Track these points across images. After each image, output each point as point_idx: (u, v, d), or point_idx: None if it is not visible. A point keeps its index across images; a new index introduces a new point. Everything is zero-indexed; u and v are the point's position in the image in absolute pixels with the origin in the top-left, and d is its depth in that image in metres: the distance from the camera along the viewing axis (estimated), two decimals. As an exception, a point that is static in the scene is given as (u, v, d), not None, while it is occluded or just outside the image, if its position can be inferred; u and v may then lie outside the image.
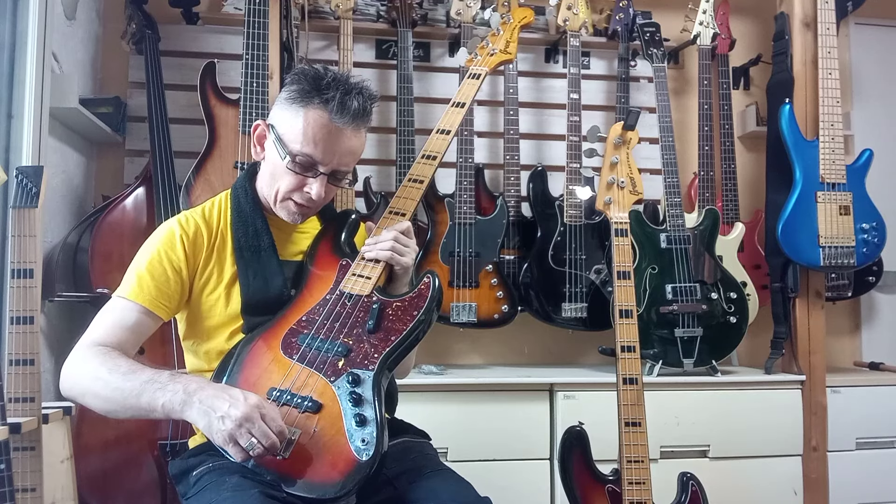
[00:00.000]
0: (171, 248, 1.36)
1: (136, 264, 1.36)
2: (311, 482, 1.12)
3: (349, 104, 1.31)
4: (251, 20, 2.16)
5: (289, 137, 1.33)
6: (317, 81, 1.32)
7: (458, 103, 1.62)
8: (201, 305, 1.38)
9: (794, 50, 2.46)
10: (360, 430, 1.16)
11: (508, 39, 1.74)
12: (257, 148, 1.42)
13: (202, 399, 1.13)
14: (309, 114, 1.31)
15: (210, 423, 1.12)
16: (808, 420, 2.34)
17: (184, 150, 2.30)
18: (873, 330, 2.98)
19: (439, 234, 2.42)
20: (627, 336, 1.73)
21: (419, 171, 1.52)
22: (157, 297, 1.32)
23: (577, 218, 2.52)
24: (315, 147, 1.32)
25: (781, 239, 2.33)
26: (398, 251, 1.37)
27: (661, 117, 2.54)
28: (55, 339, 2.16)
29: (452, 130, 1.57)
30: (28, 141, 1.93)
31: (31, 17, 1.96)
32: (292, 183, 1.35)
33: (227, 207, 1.43)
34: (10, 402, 1.51)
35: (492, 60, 1.72)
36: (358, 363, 1.25)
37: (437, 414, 1.57)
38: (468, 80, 1.67)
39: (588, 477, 1.73)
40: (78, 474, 1.81)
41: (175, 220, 1.41)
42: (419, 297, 1.32)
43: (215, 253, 1.39)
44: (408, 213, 1.45)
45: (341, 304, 1.33)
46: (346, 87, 1.33)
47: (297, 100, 1.33)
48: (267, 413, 1.12)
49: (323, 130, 1.31)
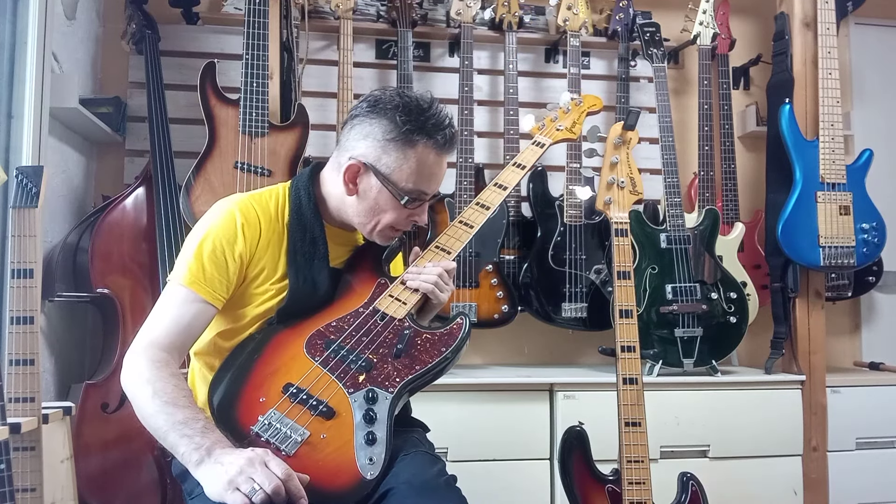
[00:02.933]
0: (231, 235, 1.32)
1: (193, 249, 1.31)
2: (312, 487, 1.12)
3: (452, 137, 1.38)
4: (251, 20, 2.17)
5: (398, 177, 1.34)
6: (421, 119, 1.34)
7: (520, 164, 1.67)
8: (246, 292, 1.36)
9: (794, 50, 2.46)
10: (368, 448, 1.17)
11: (575, 121, 1.81)
12: (349, 185, 1.38)
13: (217, 457, 1.09)
14: (419, 153, 1.34)
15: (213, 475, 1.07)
16: (808, 420, 2.34)
17: (184, 150, 2.30)
18: (873, 330, 2.98)
19: (439, 235, 2.42)
20: (627, 336, 1.73)
21: (471, 216, 1.55)
22: (217, 289, 1.30)
23: (577, 218, 2.52)
24: (428, 183, 1.37)
25: (781, 239, 2.33)
26: (440, 287, 1.40)
27: (661, 117, 2.54)
28: (55, 339, 2.16)
29: (509, 188, 1.62)
30: (28, 141, 1.93)
31: (31, 17, 1.97)
32: (400, 216, 1.39)
33: (286, 204, 1.41)
34: (10, 402, 1.51)
35: (557, 135, 1.79)
36: (378, 382, 1.25)
37: (437, 414, 1.56)
38: (532, 146, 1.74)
39: (588, 477, 1.73)
40: (78, 474, 1.81)
41: (234, 204, 1.37)
42: (450, 336, 1.33)
43: (270, 247, 1.38)
44: (453, 252, 1.48)
45: (373, 322, 1.33)
46: (447, 121, 1.38)
47: (402, 139, 1.33)
48: (271, 460, 1.09)
49: (432, 167, 1.36)
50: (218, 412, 1.21)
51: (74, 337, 2.30)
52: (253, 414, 1.20)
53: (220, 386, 1.24)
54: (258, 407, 1.20)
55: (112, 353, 2.08)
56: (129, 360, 1.24)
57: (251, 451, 1.10)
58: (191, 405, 1.18)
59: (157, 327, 1.27)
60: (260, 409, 1.20)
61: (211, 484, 1.07)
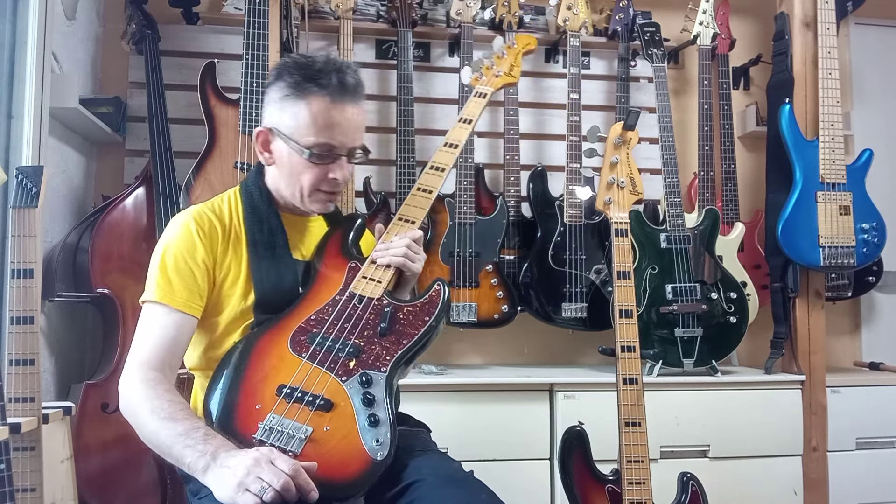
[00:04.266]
0: (189, 244, 1.34)
1: (157, 266, 1.33)
2: (324, 480, 1.12)
3: (346, 81, 1.33)
4: (251, 20, 2.16)
5: (299, 133, 1.33)
6: (307, 70, 1.33)
7: (465, 119, 1.65)
8: (219, 296, 1.37)
9: (794, 50, 2.46)
10: (373, 431, 1.17)
11: (513, 63, 1.79)
12: (265, 154, 1.40)
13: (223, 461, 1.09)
14: (311, 104, 1.32)
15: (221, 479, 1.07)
16: (808, 420, 2.34)
17: (184, 150, 2.30)
18: (873, 330, 2.98)
19: (439, 234, 2.43)
20: (627, 336, 1.73)
21: (428, 181, 1.53)
22: (189, 297, 1.31)
23: (577, 218, 2.52)
24: (328, 133, 1.33)
25: (781, 239, 2.33)
26: (410, 258, 1.39)
27: (661, 117, 2.54)
28: (55, 339, 2.16)
29: (460, 145, 1.60)
30: (28, 141, 1.93)
31: (31, 17, 1.97)
32: (316, 175, 1.36)
33: (238, 204, 1.42)
34: (10, 402, 1.51)
35: (497, 82, 1.77)
36: (370, 364, 1.25)
37: (437, 414, 1.56)
38: (475, 98, 1.71)
39: (588, 477, 1.73)
40: (78, 474, 1.81)
41: (187, 215, 1.38)
42: (430, 304, 1.34)
43: (231, 249, 1.38)
44: (417, 221, 1.46)
45: (352, 306, 1.33)
46: (336, 66, 1.34)
47: (293, 94, 1.33)
48: (277, 458, 1.09)
49: (327, 115, 1.32)
50: (218, 428, 1.20)
51: (74, 337, 2.30)
52: (252, 423, 1.19)
53: (214, 403, 1.23)
54: (256, 415, 1.20)
55: (112, 353, 2.08)
56: (122, 386, 1.25)
57: (256, 450, 1.10)
58: (189, 416, 1.19)
59: (144, 348, 1.28)
60: (258, 417, 1.20)
61: (220, 488, 1.07)
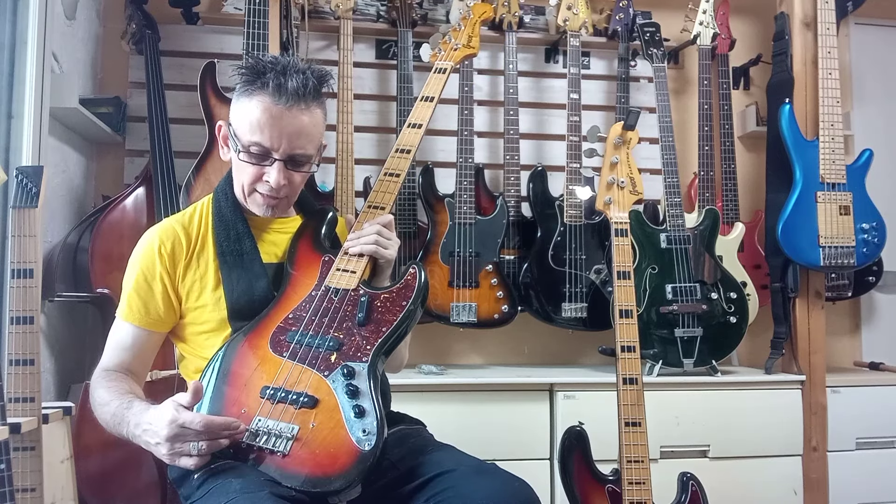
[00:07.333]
0: (150, 262, 1.38)
1: (125, 283, 1.40)
2: (315, 476, 1.12)
3: (286, 84, 1.31)
4: (251, 20, 2.16)
5: (241, 130, 1.33)
6: (255, 69, 1.33)
7: (428, 97, 1.64)
8: (192, 312, 1.39)
9: (794, 50, 2.46)
10: (359, 422, 1.17)
11: (470, 34, 1.77)
12: (224, 148, 1.42)
13: (138, 435, 1.21)
14: (254, 103, 1.32)
15: (159, 454, 1.19)
16: (808, 420, 2.34)
17: (184, 150, 2.30)
18: (873, 330, 2.97)
19: (439, 234, 2.43)
20: (627, 336, 1.73)
21: (394, 164, 1.53)
22: (146, 315, 1.37)
23: (577, 218, 2.52)
24: (262, 133, 1.31)
25: (781, 239, 2.33)
26: (382, 244, 1.38)
27: (661, 117, 2.53)
28: (55, 339, 2.16)
29: (424, 124, 1.59)
30: (28, 141, 1.93)
31: (31, 17, 1.96)
32: (252, 174, 1.36)
33: (209, 211, 1.43)
34: (10, 402, 1.51)
35: (455, 55, 1.75)
36: (351, 356, 1.25)
37: (437, 414, 1.56)
38: (434, 74, 1.69)
39: (588, 477, 1.73)
40: (78, 474, 1.81)
41: (154, 232, 1.41)
42: (407, 288, 1.33)
43: (195, 259, 1.39)
44: (387, 206, 1.46)
45: (328, 300, 1.33)
46: (282, 68, 1.33)
47: (243, 92, 1.34)
48: (184, 418, 1.15)
49: (265, 115, 1.30)
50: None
51: (74, 337, 2.29)
52: None
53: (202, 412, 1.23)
54: (242, 419, 1.20)
55: (112, 353, 2.08)
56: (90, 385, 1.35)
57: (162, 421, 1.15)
58: (117, 399, 1.27)
59: (105, 356, 1.38)
60: (245, 421, 1.20)
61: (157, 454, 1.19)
